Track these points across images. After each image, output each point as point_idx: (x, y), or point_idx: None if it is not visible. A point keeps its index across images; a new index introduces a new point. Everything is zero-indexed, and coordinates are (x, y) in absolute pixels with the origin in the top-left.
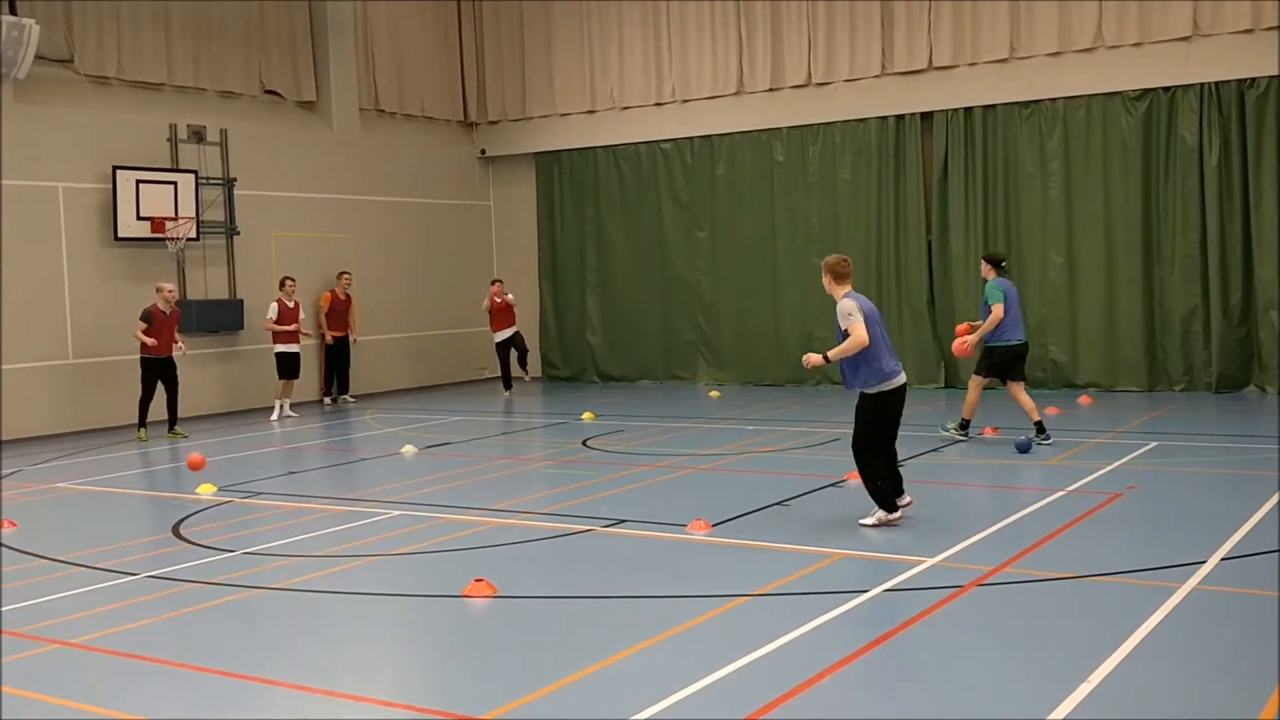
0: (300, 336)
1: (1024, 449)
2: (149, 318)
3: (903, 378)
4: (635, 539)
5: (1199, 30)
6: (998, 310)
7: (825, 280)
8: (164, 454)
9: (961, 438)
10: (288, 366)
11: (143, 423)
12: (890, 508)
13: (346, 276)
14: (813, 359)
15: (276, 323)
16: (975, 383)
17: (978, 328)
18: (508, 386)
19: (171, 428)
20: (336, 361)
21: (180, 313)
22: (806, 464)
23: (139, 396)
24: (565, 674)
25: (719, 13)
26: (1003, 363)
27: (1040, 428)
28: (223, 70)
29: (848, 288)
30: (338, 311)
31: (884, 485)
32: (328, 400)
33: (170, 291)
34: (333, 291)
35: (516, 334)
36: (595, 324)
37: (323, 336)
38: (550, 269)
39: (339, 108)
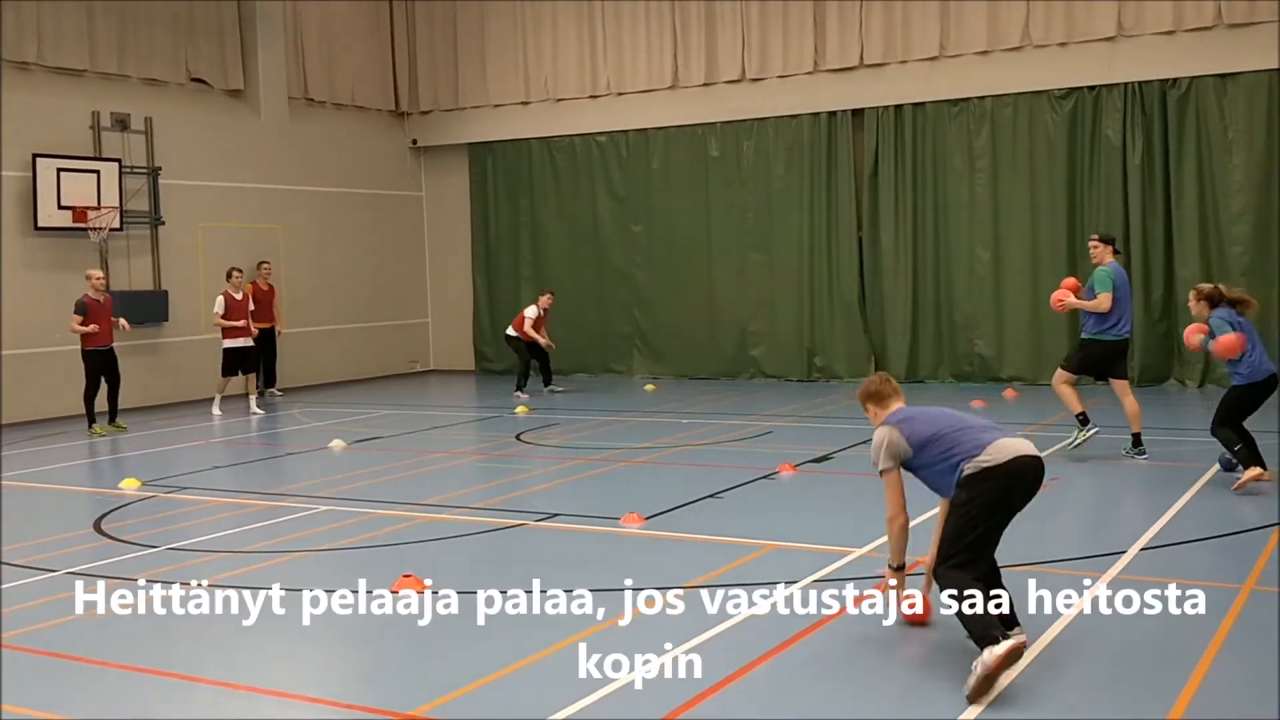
0: (251, 330)
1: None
2: (83, 309)
3: (1021, 447)
4: (568, 533)
5: (1123, 31)
6: (1104, 299)
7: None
8: (98, 447)
9: (1089, 434)
10: (236, 362)
11: (92, 418)
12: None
13: (267, 266)
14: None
15: (224, 316)
16: (1062, 378)
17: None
18: (548, 382)
19: (112, 420)
20: (262, 354)
21: (113, 300)
22: (741, 457)
23: (84, 390)
24: (494, 669)
25: (654, 7)
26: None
27: (1136, 440)
28: (148, 57)
29: (890, 408)
30: (261, 303)
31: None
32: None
33: (100, 279)
34: (254, 283)
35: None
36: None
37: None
38: (484, 261)
39: (267, 96)
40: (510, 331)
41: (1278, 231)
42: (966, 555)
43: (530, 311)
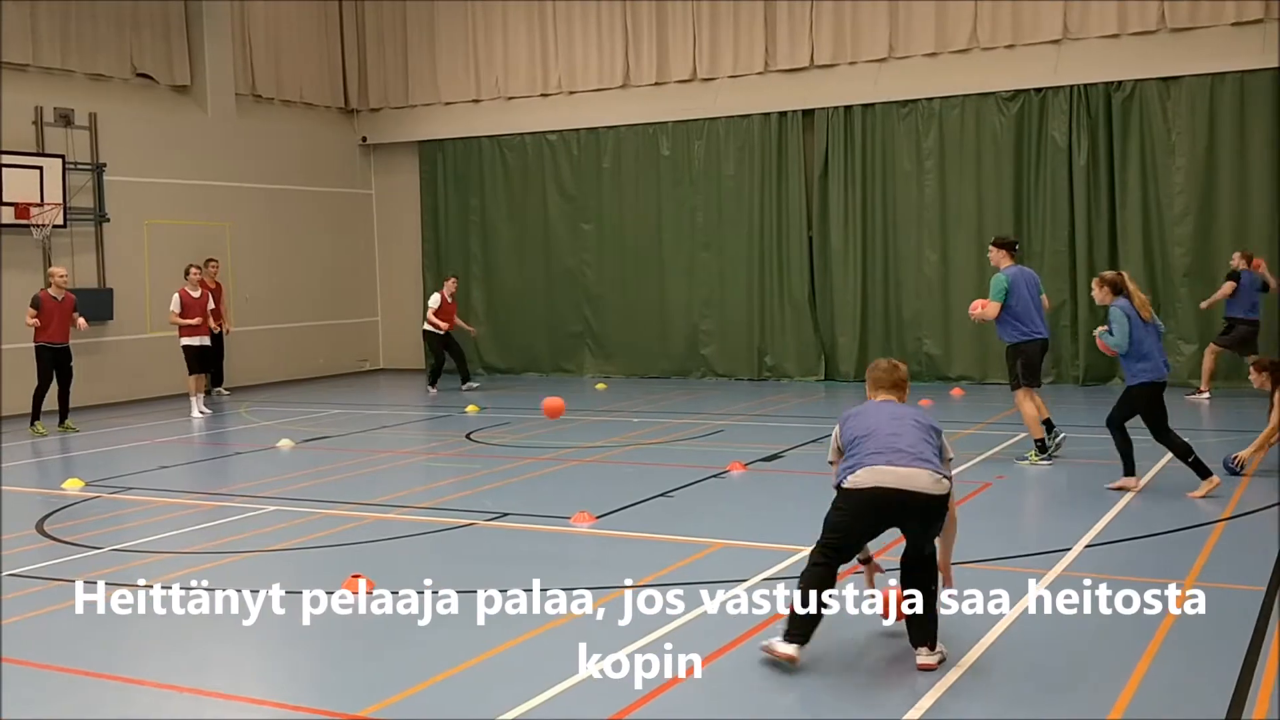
0: (209, 328)
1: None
2: (37, 304)
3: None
4: (518, 532)
5: (1069, 34)
6: (991, 309)
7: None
8: (41, 446)
9: (1047, 461)
10: (196, 360)
11: (37, 415)
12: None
13: (214, 264)
14: None
15: (181, 315)
16: (1020, 396)
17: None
18: (465, 379)
19: (63, 421)
20: (211, 352)
21: (75, 299)
22: (691, 456)
23: (34, 387)
24: (443, 669)
25: (605, 6)
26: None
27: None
28: (92, 52)
29: (872, 398)
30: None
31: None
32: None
33: (63, 276)
34: (202, 280)
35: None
36: (480, 315)
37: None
38: (434, 259)
39: (214, 92)
40: (426, 326)
41: (1218, 233)
42: (818, 555)
43: (433, 300)
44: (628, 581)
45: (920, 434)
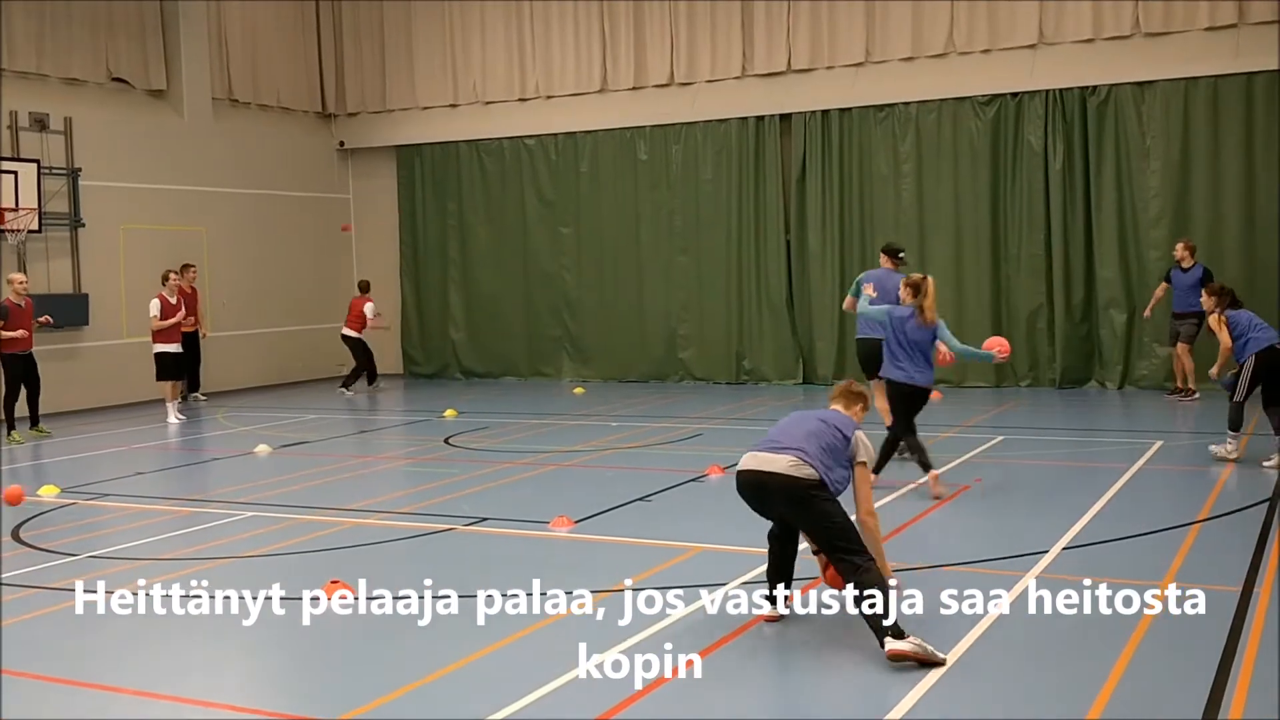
0: (183, 332)
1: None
2: (4, 313)
3: (748, 461)
4: (497, 537)
5: (1044, 39)
6: (849, 302)
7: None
8: (17, 453)
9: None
10: (169, 367)
11: (11, 424)
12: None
13: (192, 270)
14: None
15: (161, 319)
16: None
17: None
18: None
19: (34, 425)
20: (185, 358)
21: (33, 303)
22: (669, 459)
23: (3, 396)
24: (422, 674)
25: (582, 10)
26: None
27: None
28: (67, 56)
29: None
30: (187, 306)
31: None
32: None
33: (22, 283)
34: (180, 286)
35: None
36: (458, 320)
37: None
38: (412, 264)
39: (190, 96)
40: (347, 332)
41: (1193, 235)
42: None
43: (369, 308)
44: (609, 585)
45: (810, 429)
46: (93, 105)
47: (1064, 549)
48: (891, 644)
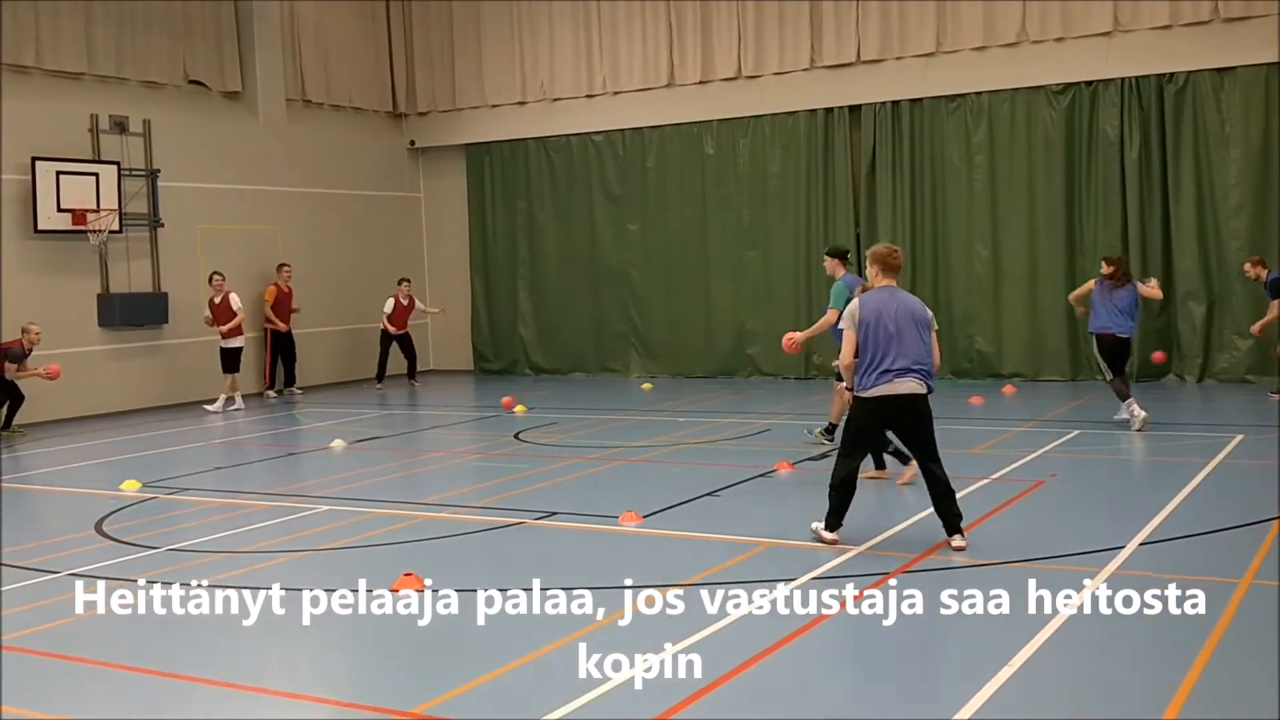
0: (234, 332)
1: None
2: (17, 357)
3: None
4: (566, 531)
5: (1119, 26)
6: (830, 315)
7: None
8: (98, 449)
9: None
10: (224, 361)
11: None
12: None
13: (287, 269)
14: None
15: (221, 320)
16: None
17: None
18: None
19: (7, 426)
20: (283, 354)
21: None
22: (738, 455)
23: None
24: (494, 667)
25: (649, 6)
26: None
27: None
28: (146, 60)
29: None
30: (283, 304)
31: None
32: (272, 392)
33: (38, 333)
34: (277, 284)
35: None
36: (527, 316)
37: (266, 330)
38: (481, 261)
39: (265, 98)
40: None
41: (1275, 225)
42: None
43: (387, 306)
44: (678, 580)
45: (924, 340)
46: (170, 108)
47: (1140, 544)
48: (957, 540)
